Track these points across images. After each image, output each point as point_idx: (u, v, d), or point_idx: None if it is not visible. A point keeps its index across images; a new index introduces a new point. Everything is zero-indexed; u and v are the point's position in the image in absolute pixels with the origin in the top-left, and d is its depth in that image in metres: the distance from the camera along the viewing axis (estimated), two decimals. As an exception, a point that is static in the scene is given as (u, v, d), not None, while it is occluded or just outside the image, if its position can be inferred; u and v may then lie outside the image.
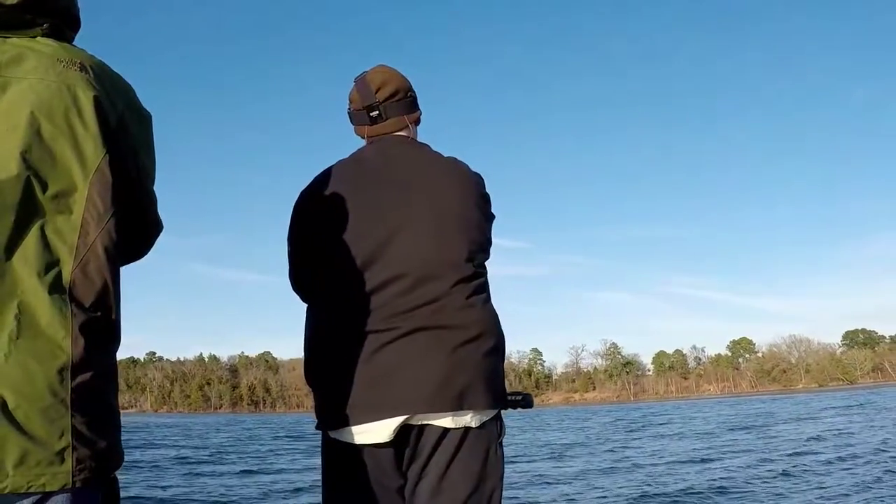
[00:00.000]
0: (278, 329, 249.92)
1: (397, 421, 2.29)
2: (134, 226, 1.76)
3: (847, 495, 11.38)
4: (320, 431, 2.48)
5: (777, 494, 12.01)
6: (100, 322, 1.53)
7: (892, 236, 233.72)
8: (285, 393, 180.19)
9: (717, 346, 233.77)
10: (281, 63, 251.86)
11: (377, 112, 2.64)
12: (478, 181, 2.62)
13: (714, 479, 14.24)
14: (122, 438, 1.61)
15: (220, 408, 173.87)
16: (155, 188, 1.84)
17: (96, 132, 1.56)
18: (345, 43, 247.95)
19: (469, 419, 2.34)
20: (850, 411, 40.33)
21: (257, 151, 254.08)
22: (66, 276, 1.49)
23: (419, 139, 2.74)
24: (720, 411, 54.85)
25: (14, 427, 1.37)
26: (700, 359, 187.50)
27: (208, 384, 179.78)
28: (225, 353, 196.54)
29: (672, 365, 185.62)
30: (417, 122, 2.74)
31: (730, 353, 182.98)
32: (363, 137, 2.72)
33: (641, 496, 12.86)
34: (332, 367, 2.41)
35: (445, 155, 2.65)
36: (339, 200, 2.49)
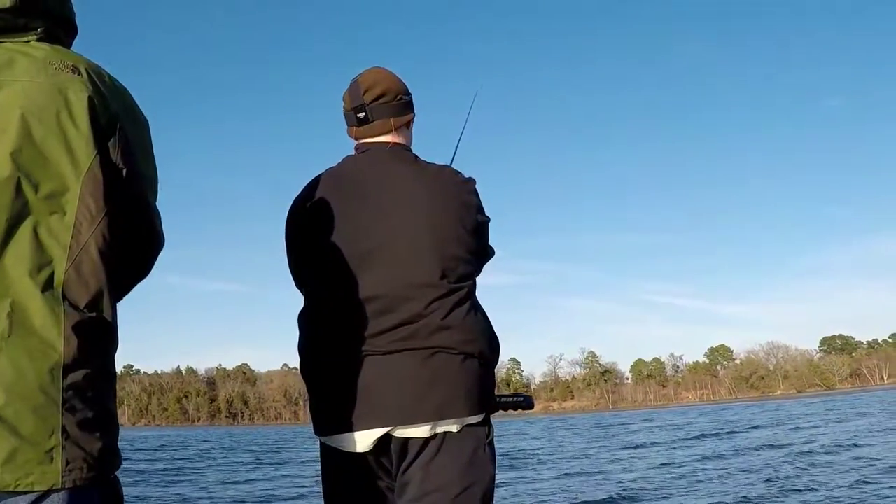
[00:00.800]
0: (256, 341, 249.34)
1: (378, 432, 2.36)
2: (133, 238, 1.74)
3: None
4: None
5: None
6: (94, 323, 1.53)
7: (865, 242, 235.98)
8: (263, 405, 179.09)
9: (695, 354, 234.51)
10: (265, 68, 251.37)
11: (364, 114, 2.64)
12: (461, 189, 2.59)
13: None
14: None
15: (197, 420, 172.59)
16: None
17: (88, 133, 1.56)
18: (339, 44, 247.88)
19: (448, 426, 2.39)
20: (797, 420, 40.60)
21: (234, 160, 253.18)
22: (60, 276, 1.50)
23: (414, 143, 2.75)
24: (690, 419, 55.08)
25: (3, 425, 1.37)
26: (678, 366, 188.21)
27: (186, 397, 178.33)
28: (202, 366, 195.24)
29: (650, 373, 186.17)
30: (408, 125, 2.74)
31: (708, 361, 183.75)
32: (352, 139, 2.73)
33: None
34: (320, 377, 2.50)
35: (435, 163, 2.65)
36: (321, 215, 2.53)
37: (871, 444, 20.63)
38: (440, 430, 2.37)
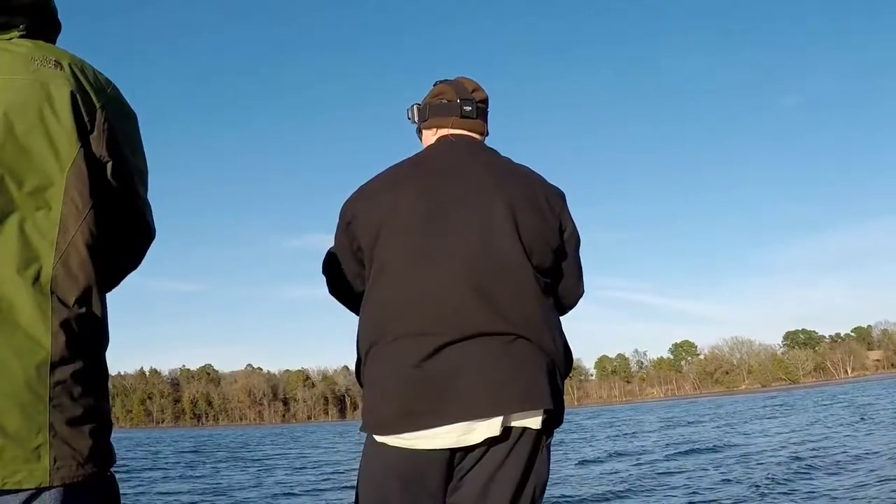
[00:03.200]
0: (219, 341, 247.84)
1: (456, 427, 2.26)
2: (124, 229, 1.75)
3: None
4: (365, 433, 2.42)
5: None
6: (84, 319, 1.51)
7: (821, 238, 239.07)
8: (228, 406, 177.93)
9: (659, 350, 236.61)
10: (253, 64, 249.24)
11: (470, 108, 2.66)
12: (550, 191, 2.62)
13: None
14: None
15: (162, 422, 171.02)
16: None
17: (71, 127, 1.54)
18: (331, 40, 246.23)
19: (525, 421, 2.34)
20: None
21: (190, 158, 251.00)
22: (48, 272, 1.48)
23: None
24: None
25: None
26: (643, 363, 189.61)
27: (150, 398, 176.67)
28: (166, 367, 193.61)
29: (615, 369, 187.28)
30: (487, 132, 2.76)
31: (672, 357, 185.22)
32: (434, 132, 2.71)
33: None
34: (381, 371, 2.38)
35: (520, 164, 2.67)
36: (400, 199, 2.47)
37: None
38: (518, 425, 2.34)
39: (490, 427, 2.27)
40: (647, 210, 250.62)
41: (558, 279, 2.62)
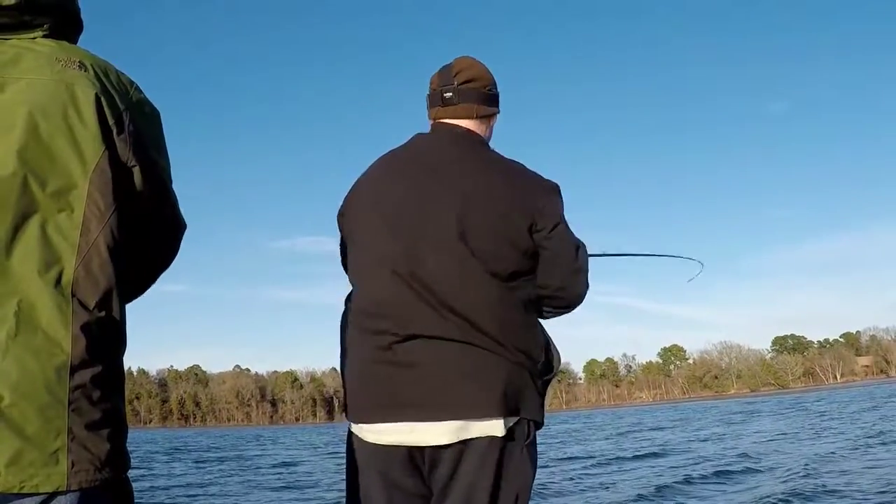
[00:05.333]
0: (207, 342, 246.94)
1: (397, 427, 2.30)
2: (160, 226, 1.77)
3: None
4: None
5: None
6: (103, 322, 1.51)
7: (807, 244, 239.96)
8: (215, 407, 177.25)
9: (648, 354, 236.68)
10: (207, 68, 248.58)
11: (450, 94, 2.56)
12: (535, 187, 2.51)
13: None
14: None
15: (149, 423, 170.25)
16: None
17: (95, 129, 1.54)
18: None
19: (485, 429, 2.31)
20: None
21: (186, 154, 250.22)
22: (69, 275, 1.48)
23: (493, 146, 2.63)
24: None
25: (8, 425, 1.36)
26: (631, 367, 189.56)
27: (137, 398, 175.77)
28: (154, 367, 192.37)
29: (604, 373, 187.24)
30: (491, 119, 2.64)
31: (661, 361, 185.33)
32: (430, 123, 2.66)
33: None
34: (350, 364, 2.46)
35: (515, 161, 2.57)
36: (369, 191, 2.53)
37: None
38: (485, 431, 2.29)
39: (435, 430, 2.26)
40: (635, 213, 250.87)
41: (532, 278, 2.44)
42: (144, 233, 1.71)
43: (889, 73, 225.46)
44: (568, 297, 2.51)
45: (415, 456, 2.33)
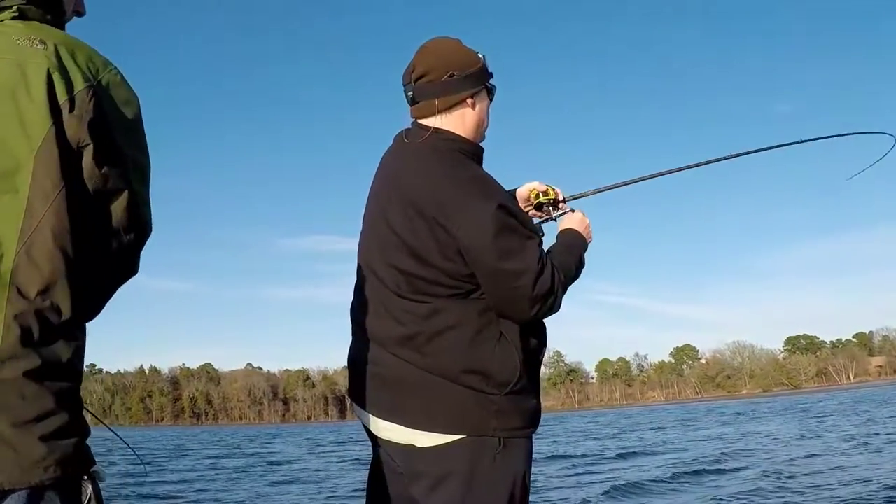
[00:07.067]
0: (219, 340, 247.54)
1: (365, 414, 2.43)
2: (113, 223, 1.59)
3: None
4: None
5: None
6: (46, 313, 1.39)
7: (816, 245, 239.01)
8: (227, 405, 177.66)
9: (660, 354, 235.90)
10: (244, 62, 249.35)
11: (411, 92, 2.47)
12: (447, 180, 2.48)
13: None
14: None
15: (161, 420, 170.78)
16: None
17: (44, 105, 1.44)
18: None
19: (440, 437, 2.32)
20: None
21: (188, 160, 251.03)
22: (9, 260, 1.38)
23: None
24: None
25: None
26: (643, 366, 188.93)
27: (149, 396, 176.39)
28: (166, 365, 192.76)
29: (616, 372, 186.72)
30: (461, 105, 2.44)
31: (673, 360, 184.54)
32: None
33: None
34: (350, 356, 2.58)
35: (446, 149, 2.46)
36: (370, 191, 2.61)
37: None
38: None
39: (386, 428, 2.35)
40: (645, 214, 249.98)
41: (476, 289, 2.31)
42: (103, 225, 1.57)
43: (892, 73, 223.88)
44: (512, 313, 2.35)
45: (383, 449, 2.47)
